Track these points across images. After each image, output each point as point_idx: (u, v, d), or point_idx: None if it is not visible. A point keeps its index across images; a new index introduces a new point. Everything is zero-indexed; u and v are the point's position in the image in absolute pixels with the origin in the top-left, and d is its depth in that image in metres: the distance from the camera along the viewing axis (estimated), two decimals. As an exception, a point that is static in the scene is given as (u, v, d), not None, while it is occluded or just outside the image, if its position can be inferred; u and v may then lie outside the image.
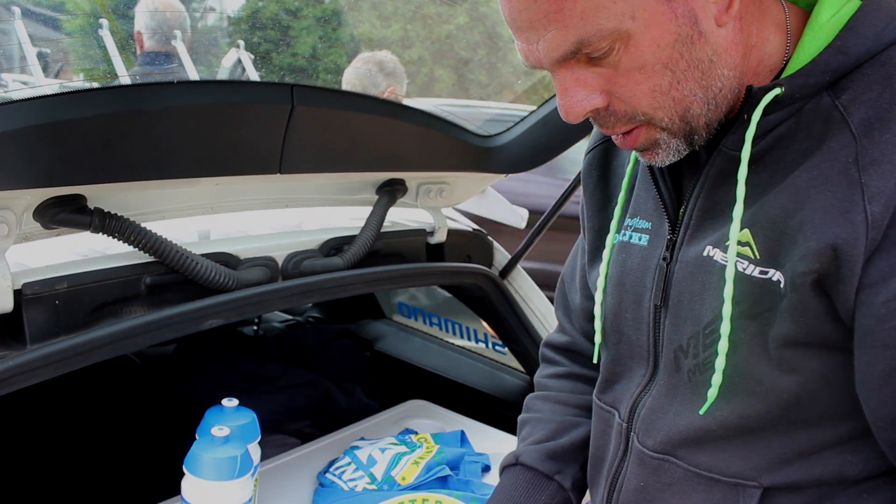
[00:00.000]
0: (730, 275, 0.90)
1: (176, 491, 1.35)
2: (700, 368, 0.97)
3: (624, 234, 1.11)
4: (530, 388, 1.42)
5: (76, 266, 1.34)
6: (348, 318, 2.93)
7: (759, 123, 0.90)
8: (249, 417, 1.44)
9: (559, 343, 1.38)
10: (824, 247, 0.83)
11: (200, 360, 2.45)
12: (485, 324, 2.41)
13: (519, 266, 2.25)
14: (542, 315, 2.23)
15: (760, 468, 0.94)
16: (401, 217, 2.10)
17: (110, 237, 1.34)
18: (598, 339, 1.16)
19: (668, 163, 0.96)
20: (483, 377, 2.52)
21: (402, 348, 2.75)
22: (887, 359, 0.83)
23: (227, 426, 1.33)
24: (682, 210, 1.02)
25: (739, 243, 0.91)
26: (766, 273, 0.89)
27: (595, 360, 1.19)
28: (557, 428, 1.27)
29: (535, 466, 1.22)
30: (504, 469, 1.27)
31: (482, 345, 2.61)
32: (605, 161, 1.20)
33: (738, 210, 0.90)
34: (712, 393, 0.94)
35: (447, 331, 2.70)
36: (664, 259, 1.02)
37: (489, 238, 2.24)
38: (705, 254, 0.96)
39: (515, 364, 2.44)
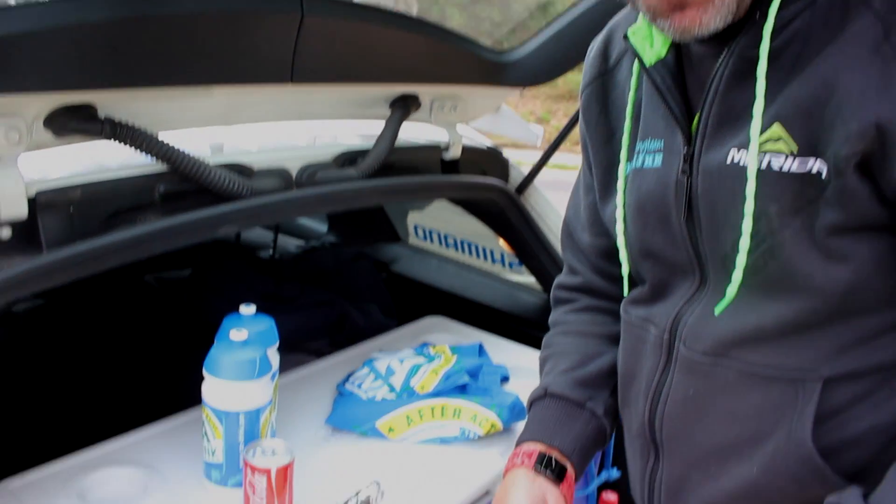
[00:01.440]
0: (752, 172, 0.89)
1: (194, 403, 1.37)
2: (751, 270, 0.95)
3: (636, 161, 1.09)
4: (547, 305, 1.41)
5: (90, 176, 1.34)
6: (364, 241, 2.93)
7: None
8: (268, 324, 1.45)
9: (572, 284, 1.35)
10: (867, 126, 0.82)
11: (216, 280, 2.46)
12: (501, 242, 2.40)
13: (535, 184, 2.24)
14: (559, 232, 2.22)
15: (819, 360, 0.93)
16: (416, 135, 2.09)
17: (122, 144, 1.33)
18: (625, 269, 1.14)
19: (709, 29, 0.91)
20: (500, 295, 2.52)
21: (418, 270, 2.75)
22: None
23: (246, 330, 1.35)
24: (695, 121, 0.99)
25: (772, 139, 0.89)
26: (806, 164, 0.87)
27: (626, 294, 1.17)
28: (582, 358, 1.25)
29: (565, 395, 1.20)
30: (532, 403, 1.25)
31: (499, 265, 2.61)
32: (603, 94, 1.19)
33: (759, 106, 0.89)
34: (731, 290, 0.93)
35: (463, 251, 2.70)
36: (683, 172, 1.00)
37: (504, 155, 2.23)
38: (729, 160, 0.94)
39: (532, 283, 2.45)
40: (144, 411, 1.66)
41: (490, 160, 2.17)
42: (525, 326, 2.33)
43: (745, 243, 0.91)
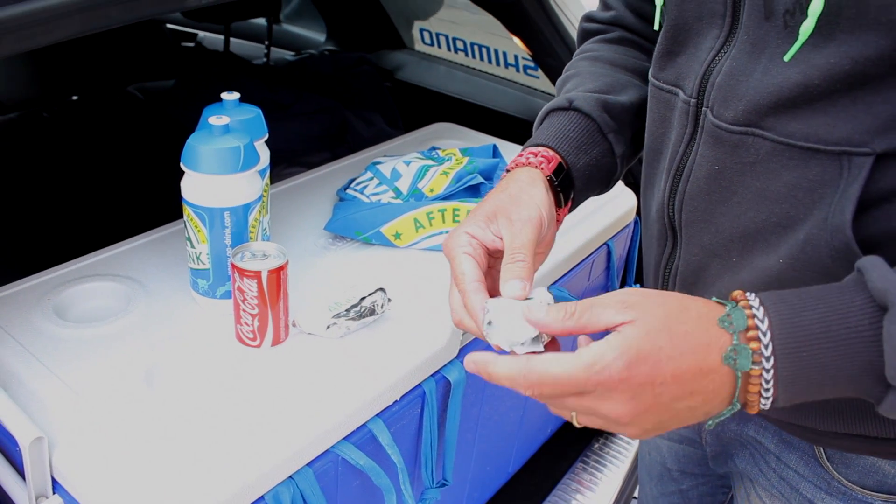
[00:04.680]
0: None
1: (180, 216, 1.21)
2: (801, 5, 0.74)
3: None
4: None
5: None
6: (366, 48, 2.70)
7: None
8: (254, 112, 1.26)
9: (603, 17, 1.16)
10: None
11: (203, 87, 2.26)
12: (516, 39, 2.17)
13: (555, -32, 1.99)
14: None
15: (874, 130, 0.73)
16: None
17: None
18: (659, 0, 0.93)
19: None
20: (514, 102, 2.32)
21: (425, 77, 2.53)
22: None
23: (227, 117, 1.16)
24: None
25: None
26: None
27: (657, 27, 0.97)
28: (613, 83, 1.05)
29: (591, 114, 1.00)
30: (551, 111, 1.04)
31: (512, 69, 2.39)
32: None
33: None
34: (807, 26, 0.72)
35: (474, 56, 2.47)
36: None
37: (520, -66, 1.96)
38: None
39: (548, 87, 2.24)
40: (128, 225, 1.51)
41: (504, -58, 1.92)
42: (542, 134, 2.14)
43: None
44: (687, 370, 0.68)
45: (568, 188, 0.96)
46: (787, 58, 0.75)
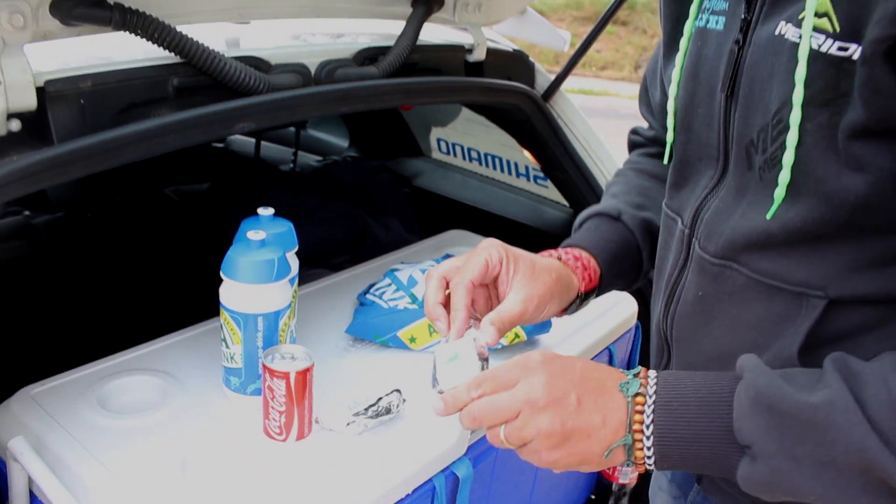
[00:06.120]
0: (803, 53, 0.79)
1: (213, 314, 1.33)
2: (768, 164, 0.87)
3: (701, 19, 0.99)
4: (572, 220, 1.36)
5: (100, 67, 1.27)
6: (386, 156, 2.87)
7: None
8: (286, 226, 1.40)
9: (646, 134, 1.34)
10: None
11: (235, 192, 2.41)
12: (527, 153, 2.33)
13: (562, 90, 2.15)
14: (586, 141, 2.14)
15: (827, 277, 0.86)
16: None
17: (133, 34, 1.26)
18: (670, 137, 1.06)
19: None
20: (525, 210, 2.46)
21: (441, 184, 2.69)
22: None
23: (264, 231, 1.29)
24: None
25: (816, 14, 0.78)
26: (846, 49, 0.77)
27: (665, 161, 1.11)
28: (646, 202, 1.24)
29: (633, 230, 1.20)
30: (601, 216, 1.23)
31: (524, 178, 2.54)
32: None
33: None
34: (779, 193, 0.84)
35: (487, 165, 2.63)
36: (736, 42, 0.91)
37: (531, 59, 2.13)
38: (777, 32, 0.84)
39: (558, 197, 2.38)
40: (165, 323, 1.63)
41: (516, 64, 2.09)
42: (551, 242, 2.27)
43: (792, 138, 0.82)
44: (592, 377, 0.88)
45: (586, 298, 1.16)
46: (768, 216, 0.87)
